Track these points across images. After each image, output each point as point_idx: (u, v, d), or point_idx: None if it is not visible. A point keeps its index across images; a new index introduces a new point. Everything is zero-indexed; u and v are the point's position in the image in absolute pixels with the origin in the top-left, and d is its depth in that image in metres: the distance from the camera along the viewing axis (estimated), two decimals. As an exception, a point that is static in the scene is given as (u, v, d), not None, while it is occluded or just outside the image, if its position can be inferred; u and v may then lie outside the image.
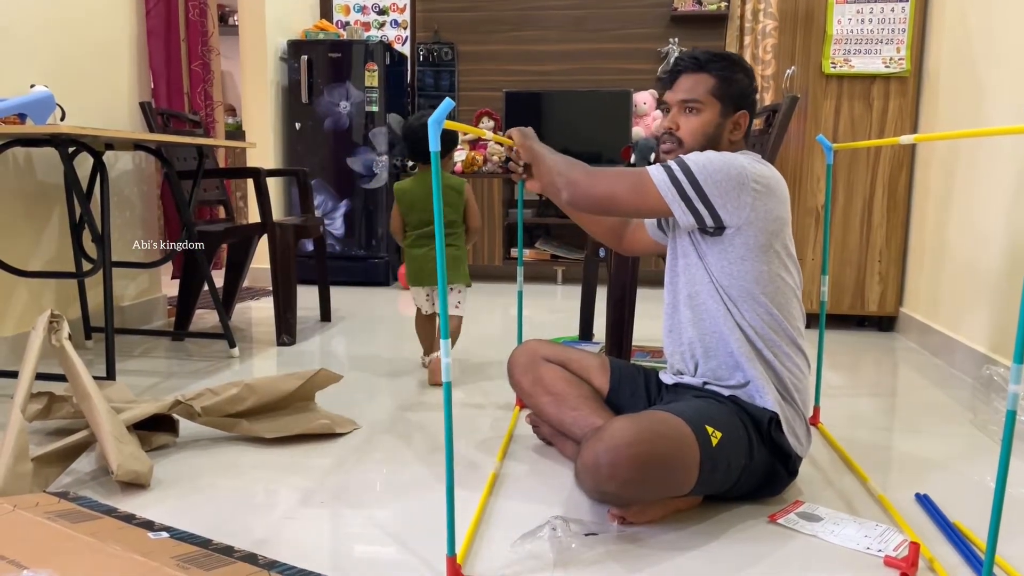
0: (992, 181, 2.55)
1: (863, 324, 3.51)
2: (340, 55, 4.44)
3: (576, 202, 1.55)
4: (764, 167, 1.50)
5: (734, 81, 1.57)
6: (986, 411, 2.11)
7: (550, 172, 1.59)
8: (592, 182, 1.53)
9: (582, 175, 1.55)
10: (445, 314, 1.18)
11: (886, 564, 1.31)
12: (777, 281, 1.51)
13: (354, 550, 1.36)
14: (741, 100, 1.59)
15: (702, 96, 1.57)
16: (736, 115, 1.59)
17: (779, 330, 1.52)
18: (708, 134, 1.58)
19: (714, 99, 1.57)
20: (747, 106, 1.60)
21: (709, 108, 1.57)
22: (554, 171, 1.59)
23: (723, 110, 1.58)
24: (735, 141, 1.61)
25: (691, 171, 1.45)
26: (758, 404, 1.51)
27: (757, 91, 1.65)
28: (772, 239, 1.50)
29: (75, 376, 1.66)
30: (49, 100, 2.27)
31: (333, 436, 1.95)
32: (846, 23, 3.19)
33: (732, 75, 1.57)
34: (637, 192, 1.49)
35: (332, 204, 4.58)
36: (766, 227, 1.48)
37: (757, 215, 1.47)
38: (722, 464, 1.42)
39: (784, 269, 1.53)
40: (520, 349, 1.82)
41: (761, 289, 1.50)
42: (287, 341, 2.99)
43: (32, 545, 1.11)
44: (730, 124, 1.59)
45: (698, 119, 1.58)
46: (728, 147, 1.59)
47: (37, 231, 2.73)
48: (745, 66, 1.60)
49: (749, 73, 1.60)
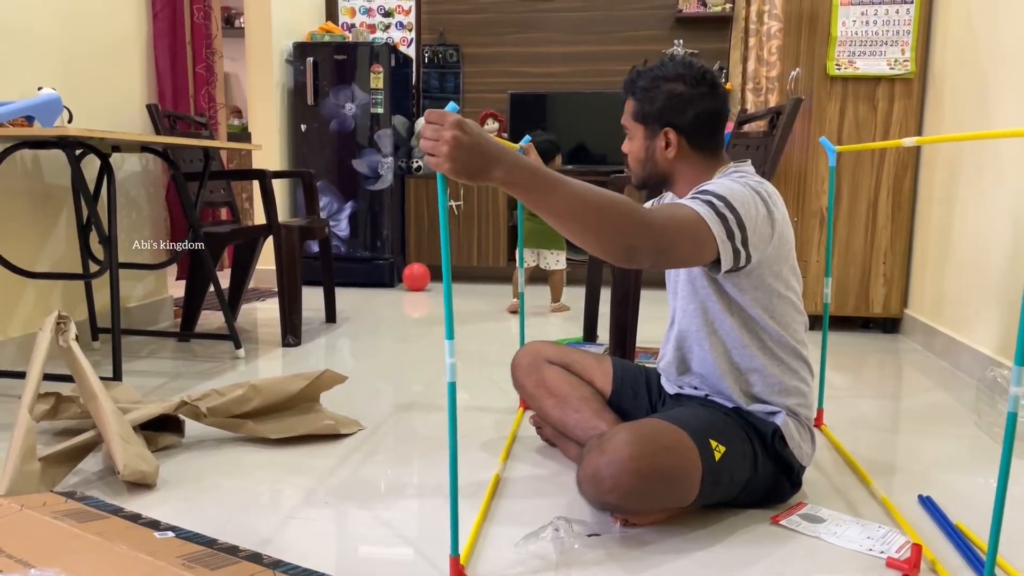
0: (997, 183, 2.54)
1: (867, 326, 3.51)
2: (345, 57, 4.46)
3: (618, 257, 1.22)
4: (768, 190, 1.42)
5: (655, 99, 1.47)
6: (990, 413, 2.11)
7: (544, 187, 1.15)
8: (652, 236, 1.22)
9: (635, 224, 1.19)
10: (449, 312, 1.19)
11: (888, 566, 1.31)
12: (782, 299, 1.48)
13: (358, 550, 1.37)
14: (663, 115, 1.47)
15: (628, 122, 1.53)
16: (660, 132, 1.48)
17: (783, 345, 1.50)
18: (641, 159, 1.52)
19: (636, 123, 1.51)
20: (672, 119, 1.47)
21: (635, 133, 1.52)
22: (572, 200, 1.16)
23: (646, 132, 1.50)
24: (677, 158, 1.49)
25: (735, 209, 1.31)
26: (763, 417, 1.50)
27: (704, 96, 1.47)
28: (783, 264, 1.47)
29: (82, 377, 1.67)
30: (56, 102, 2.29)
31: (338, 437, 1.96)
32: (851, 25, 3.19)
33: (654, 93, 1.47)
34: (697, 244, 1.28)
35: (337, 206, 4.59)
36: (779, 254, 1.44)
37: (774, 246, 1.42)
38: (725, 478, 1.42)
39: (788, 287, 1.49)
40: (523, 351, 1.83)
41: (766, 309, 1.47)
42: (292, 342, 3.01)
43: (39, 544, 1.12)
44: (658, 145, 1.49)
45: (630, 145, 1.54)
46: (670, 165, 1.50)
47: (44, 232, 2.74)
48: (678, 75, 1.47)
49: (685, 81, 1.46)
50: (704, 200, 1.31)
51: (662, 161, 1.51)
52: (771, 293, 1.46)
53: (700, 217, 1.28)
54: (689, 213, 1.28)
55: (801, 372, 1.53)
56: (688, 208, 1.29)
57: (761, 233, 1.36)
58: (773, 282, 1.46)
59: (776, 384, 1.50)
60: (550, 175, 1.15)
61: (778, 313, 1.48)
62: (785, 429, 1.48)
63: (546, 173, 1.15)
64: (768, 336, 1.49)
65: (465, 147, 1.08)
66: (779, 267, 1.46)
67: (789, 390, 1.51)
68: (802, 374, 1.53)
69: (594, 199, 1.16)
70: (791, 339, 1.51)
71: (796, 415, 1.52)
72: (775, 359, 1.50)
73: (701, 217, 1.28)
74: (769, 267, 1.44)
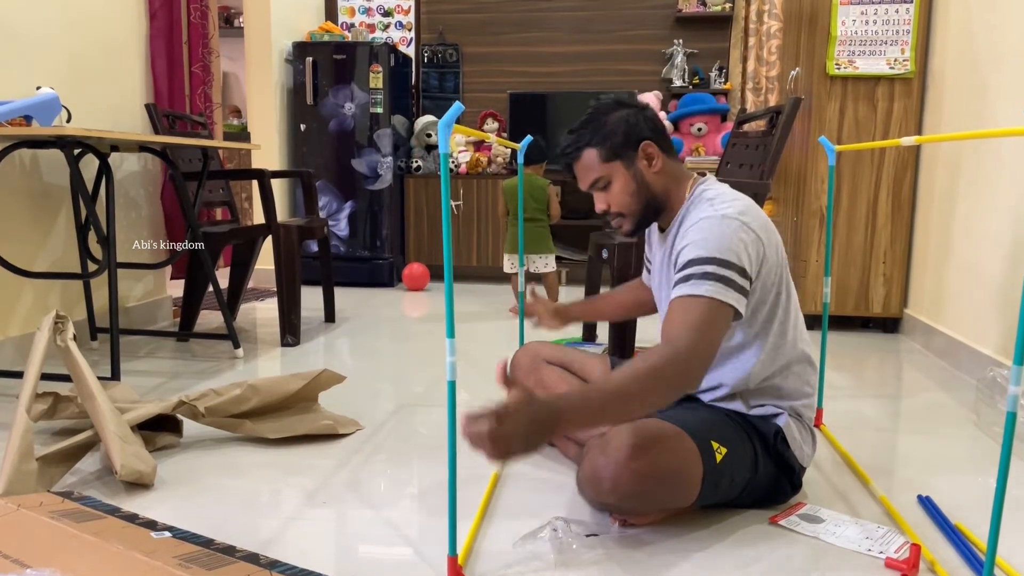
0: (997, 183, 2.54)
1: (867, 326, 3.50)
2: (345, 57, 4.45)
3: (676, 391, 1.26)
4: (741, 207, 1.41)
5: (610, 133, 1.47)
6: (990, 413, 2.10)
7: (600, 411, 1.19)
8: (691, 369, 1.25)
9: (675, 377, 1.23)
10: (450, 311, 1.18)
11: (887, 566, 1.31)
12: (782, 309, 1.47)
13: (357, 550, 1.37)
14: (630, 138, 1.47)
15: (600, 170, 1.49)
16: (639, 153, 1.48)
17: (787, 352, 1.49)
18: (634, 191, 1.49)
19: (610, 163, 1.48)
20: (641, 135, 1.48)
21: (614, 172, 1.49)
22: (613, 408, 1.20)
23: (625, 163, 1.48)
24: (662, 171, 1.50)
25: (732, 263, 1.32)
26: (765, 418, 1.49)
27: (642, 107, 1.50)
28: (783, 268, 1.46)
29: (80, 376, 1.67)
30: (55, 102, 2.29)
31: (336, 437, 1.95)
32: (850, 24, 3.19)
33: (608, 128, 1.47)
34: (723, 324, 1.31)
35: (337, 205, 4.59)
36: (776, 261, 1.44)
37: (769, 258, 1.42)
38: (725, 480, 1.41)
39: (787, 294, 1.48)
40: (522, 351, 1.82)
41: (770, 324, 1.47)
42: (291, 342, 3.00)
43: (36, 544, 1.12)
44: (643, 166, 1.49)
45: (614, 187, 1.50)
46: (660, 181, 1.50)
47: (43, 232, 2.74)
48: (609, 107, 1.49)
49: (621, 104, 1.49)
50: (700, 276, 1.31)
51: (653, 181, 1.50)
52: (770, 300, 1.46)
53: (711, 302, 1.29)
54: (700, 310, 1.28)
55: (805, 374, 1.52)
56: (695, 302, 1.29)
57: (756, 257, 1.38)
58: (772, 288, 1.45)
59: (778, 387, 1.49)
60: (588, 402, 1.17)
61: (778, 316, 1.47)
62: (787, 431, 1.47)
63: (585, 405, 1.17)
64: (768, 339, 1.48)
65: (507, 437, 1.10)
66: (777, 273, 1.46)
67: (791, 392, 1.50)
68: (805, 376, 1.52)
69: (635, 390, 1.19)
70: (795, 347, 1.50)
71: (799, 416, 1.51)
72: (777, 362, 1.49)
73: (713, 301, 1.29)
74: (767, 277, 1.43)
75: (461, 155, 4.83)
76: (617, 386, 1.19)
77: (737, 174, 2.71)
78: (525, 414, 1.12)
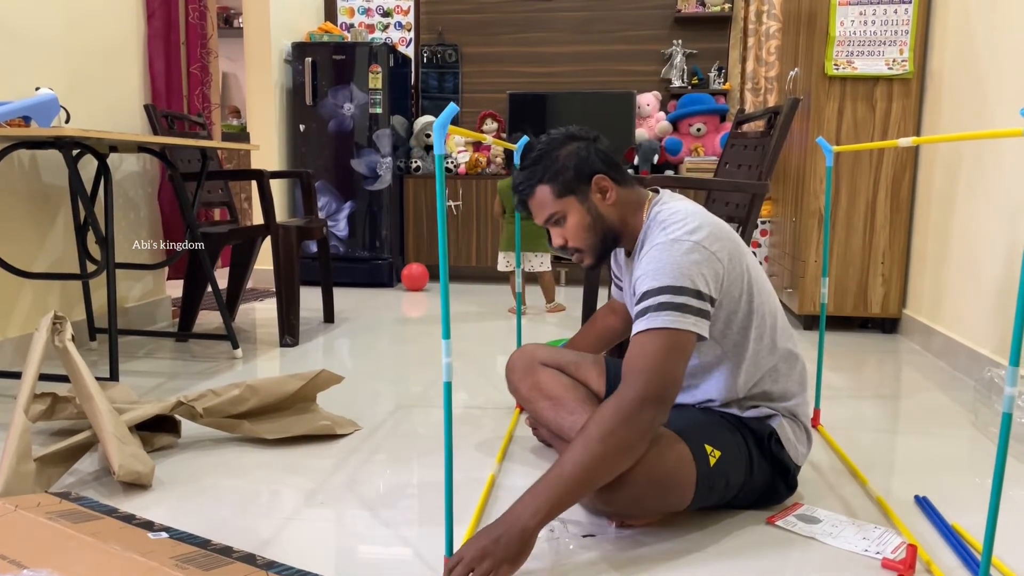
0: (996, 183, 2.54)
1: (866, 326, 3.51)
2: (344, 57, 4.46)
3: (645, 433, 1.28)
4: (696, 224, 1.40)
5: (561, 169, 1.48)
6: (988, 413, 2.11)
7: (565, 496, 1.24)
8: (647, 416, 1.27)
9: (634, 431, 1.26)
10: (446, 312, 1.18)
11: (883, 566, 1.31)
12: (757, 315, 1.46)
13: (354, 550, 1.37)
14: (582, 172, 1.48)
15: (554, 206, 1.50)
16: (592, 187, 1.49)
17: (770, 355, 1.48)
18: (589, 225, 1.50)
19: (563, 199, 1.49)
20: (593, 169, 1.48)
21: (568, 208, 1.50)
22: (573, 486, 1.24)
23: (579, 197, 1.49)
24: (616, 202, 1.50)
25: (685, 288, 1.32)
26: (759, 420, 1.49)
27: (593, 139, 1.51)
28: (749, 288, 1.45)
29: (78, 377, 1.67)
30: (53, 103, 2.29)
31: (334, 437, 1.96)
32: (849, 25, 3.19)
33: (559, 163, 1.48)
34: (683, 354, 1.31)
35: (336, 206, 4.59)
36: (739, 280, 1.44)
37: (729, 272, 1.41)
38: (720, 483, 1.41)
39: (758, 298, 1.47)
40: (517, 354, 1.82)
41: (747, 331, 1.46)
42: (290, 342, 3.00)
43: (33, 545, 1.12)
44: (596, 199, 1.49)
45: (570, 222, 1.50)
46: (615, 212, 1.50)
47: (41, 233, 2.74)
48: (560, 142, 1.50)
49: (572, 137, 1.51)
50: (656, 308, 1.31)
51: (608, 212, 1.51)
52: (741, 309, 1.45)
53: (668, 333, 1.29)
54: (656, 345, 1.29)
55: (792, 372, 1.51)
56: (652, 337, 1.30)
57: (714, 275, 1.37)
58: (740, 297, 1.44)
59: (769, 392, 1.49)
60: (551, 498, 1.22)
61: (754, 323, 1.46)
62: (781, 431, 1.47)
63: (549, 504, 1.22)
64: (748, 347, 1.46)
65: (494, 571, 1.17)
66: (744, 280, 1.45)
67: (782, 393, 1.50)
68: (794, 374, 1.51)
69: (595, 460, 1.23)
70: (773, 341, 1.48)
71: (794, 415, 1.51)
72: (762, 367, 1.48)
73: (670, 332, 1.30)
74: (731, 288, 1.43)
75: (460, 155, 4.83)
76: (574, 469, 1.23)
77: (736, 174, 2.71)
78: (494, 548, 1.19)
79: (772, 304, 1.50)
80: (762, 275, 1.51)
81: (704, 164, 4.55)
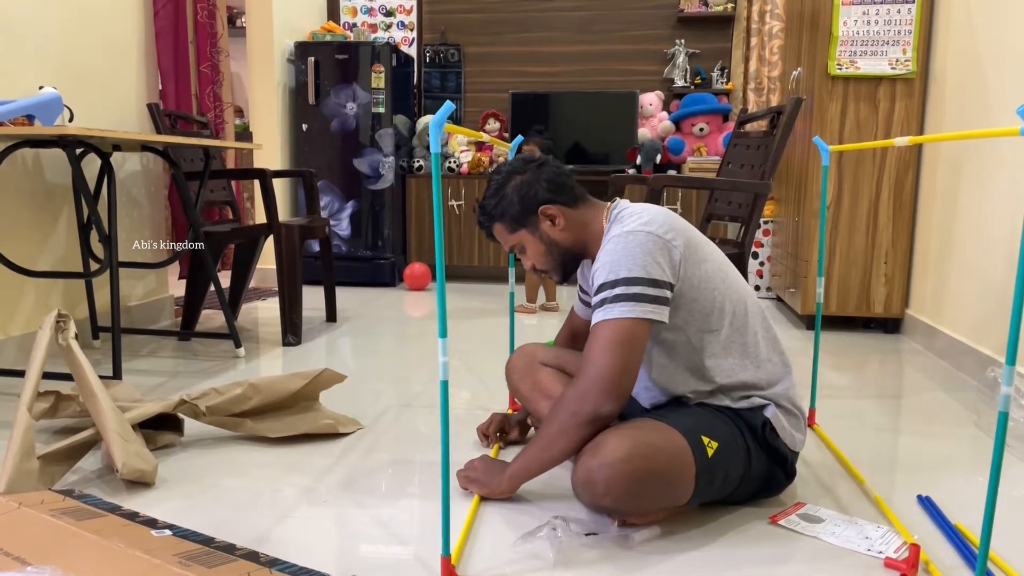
0: (998, 183, 2.54)
1: (869, 326, 3.50)
2: (347, 57, 4.46)
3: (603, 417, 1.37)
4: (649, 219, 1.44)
5: (511, 202, 1.54)
6: (990, 413, 2.10)
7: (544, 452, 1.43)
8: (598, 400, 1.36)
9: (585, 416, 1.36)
10: (443, 310, 1.19)
11: (886, 565, 1.31)
12: (730, 303, 1.47)
13: (356, 549, 1.37)
14: (527, 206, 1.54)
15: (511, 240, 1.59)
16: (539, 218, 1.55)
17: (751, 340, 1.49)
18: (544, 251, 1.58)
19: (516, 233, 1.57)
20: (538, 200, 1.54)
21: (523, 239, 1.58)
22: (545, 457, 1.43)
23: (530, 229, 1.56)
24: (568, 225, 1.55)
25: (639, 278, 1.37)
26: (752, 410, 1.48)
27: (538, 166, 1.57)
28: (714, 276, 1.47)
29: (81, 375, 1.67)
30: (57, 101, 2.29)
31: (337, 436, 1.96)
32: (852, 24, 3.19)
33: (506, 200, 1.55)
34: (637, 344, 1.37)
35: (338, 205, 4.59)
36: (699, 266, 1.45)
37: (690, 264, 1.44)
38: (719, 474, 1.42)
39: (724, 283, 1.48)
40: (517, 354, 1.82)
41: (720, 317, 1.47)
42: (292, 341, 3.01)
43: (36, 542, 1.12)
44: (546, 229, 1.55)
45: (528, 251, 1.59)
46: (568, 235, 1.56)
47: (45, 232, 2.75)
48: (506, 177, 1.56)
49: (516, 172, 1.56)
50: (612, 300, 1.38)
51: (561, 238, 1.57)
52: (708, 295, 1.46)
53: (623, 323, 1.36)
54: (612, 334, 1.36)
55: (774, 355, 1.51)
56: (607, 327, 1.37)
57: (669, 262, 1.40)
58: (707, 282, 1.46)
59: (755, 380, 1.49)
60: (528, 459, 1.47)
61: (728, 311, 1.47)
62: (775, 420, 1.48)
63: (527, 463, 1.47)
64: (717, 330, 1.47)
65: (475, 479, 1.57)
66: (710, 266, 1.46)
67: (768, 379, 1.49)
68: (776, 357, 1.51)
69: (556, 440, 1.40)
70: (745, 324, 1.49)
71: (787, 401, 1.50)
72: (748, 353, 1.49)
73: (624, 322, 1.36)
74: (692, 274, 1.44)
75: (462, 155, 4.83)
76: (547, 439, 1.41)
77: (738, 174, 2.71)
78: (485, 466, 1.58)
79: (739, 290, 1.51)
80: (725, 262, 1.53)
81: (707, 164, 4.55)
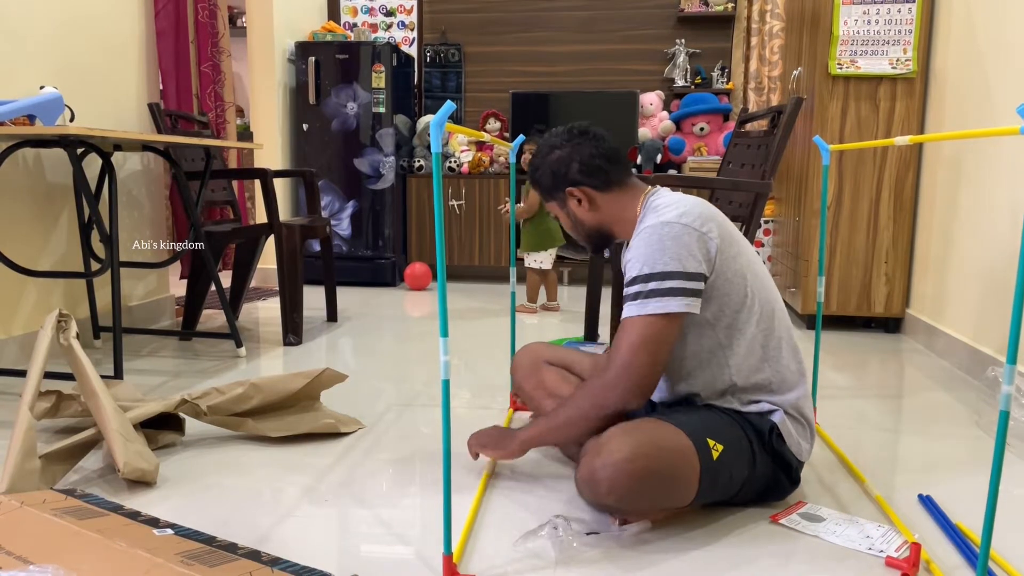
0: (999, 182, 2.54)
1: (869, 326, 3.50)
2: (347, 56, 4.46)
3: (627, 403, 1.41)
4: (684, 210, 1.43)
5: (544, 174, 1.59)
6: (991, 413, 2.11)
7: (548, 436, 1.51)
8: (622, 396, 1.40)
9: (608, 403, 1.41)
10: (444, 310, 1.19)
11: (888, 565, 1.31)
12: (759, 300, 1.47)
13: (357, 548, 1.37)
14: (556, 184, 1.57)
15: (546, 204, 1.66)
16: (566, 195, 1.57)
17: (773, 341, 1.48)
18: (571, 226, 1.63)
19: (548, 202, 1.63)
20: (568, 180, 1.55)
21: (554, 208, 1.63)
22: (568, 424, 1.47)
23: (558, 204, 1.61)
24: (597, 208, 1.56)
25: (673, 272, 1.37)
26: (760, 415, 1.48)
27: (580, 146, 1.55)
28: (746, 269, 1.46)
29: (82, 375, 1.67)
30: (58, 101, 2.29)
31: (338, 435, 1.96)
32: (852, 24, 3.19)
33: (541, 172, 1.59)
34: (667, 340, 1.39)
35: (339, 205, 4.59)
36: (734, 260, 1.45)
37: (725, 257, 1.43)
38: (723, 477, 1.41)
39: (755, 281, 1.47)
40: (522, 353, 1.82)
41: (750, 314, 1.46)
42: (293, 341, 3.01)
43: (38, 541, 1.13)
44: (572, 207, 1.58)
45: (561, 220, 1.65)
46: (595, 217, 1.57)
47: (46, 231, 2.75)
48: (547, 148, 1.58)
49: (559, 144, 1.56)
50: (645, 294, 1.38)
51: (586, 218, 1.59)
52: (737, 290, 1.45)
53: (656, 320, 1.37)
54: (643, 330, 1.38)
55: (792, 362, 1.50)
56: (639, 322, 1.38)
57: (704, 254, 1.40)
58: (737, 274, 1.45)
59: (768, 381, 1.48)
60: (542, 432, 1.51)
61: (755, 309, 1.46)
62: (783, 427, 1.47)
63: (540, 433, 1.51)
64: (743, 329, 1.46)
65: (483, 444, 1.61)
66: (741, 261, 1.46)
67: (782, 384, 1.49)
68: (794, 364, 1.51)
69: (575, 423, 1.45)
70: (771, 328, 1.48)
71: (796, 410, 1.50)
72: (769, 353, 1.48)
73: (658, 318, 1.37)
74: (726, 266, 1.44)
75: (463, 155, 4.83)
76: (565, 419, 1.46)
77: (739, 174, 2.71)
78: (497, 431, 1.61)
79: (769, 291, 1.51)
80: (757, 261, 1.52)
81: (707, 163, 4.55)
